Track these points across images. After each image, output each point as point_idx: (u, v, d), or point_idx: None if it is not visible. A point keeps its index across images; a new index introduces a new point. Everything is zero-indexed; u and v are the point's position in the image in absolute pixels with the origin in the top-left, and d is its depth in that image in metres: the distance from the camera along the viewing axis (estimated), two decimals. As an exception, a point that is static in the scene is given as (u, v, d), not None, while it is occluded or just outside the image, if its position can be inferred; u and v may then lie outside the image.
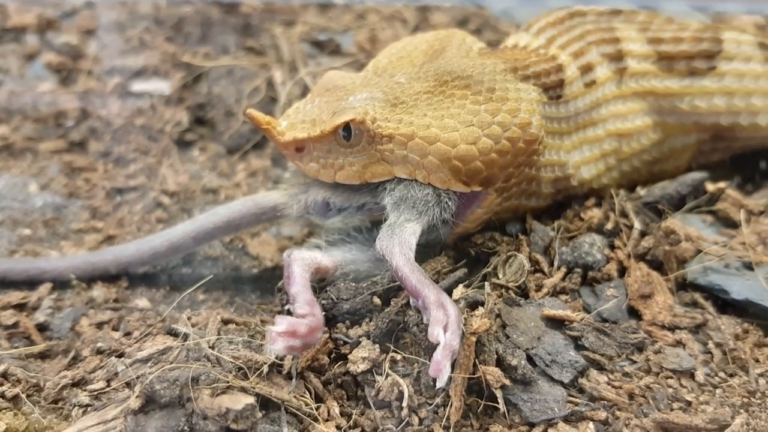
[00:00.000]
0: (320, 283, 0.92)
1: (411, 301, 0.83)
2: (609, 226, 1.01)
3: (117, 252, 1.05)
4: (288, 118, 0.93)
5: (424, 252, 0.94)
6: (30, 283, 1.03)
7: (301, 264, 0.88)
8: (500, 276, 0.94)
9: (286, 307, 0.92)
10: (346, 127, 0.88)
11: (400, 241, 0.86)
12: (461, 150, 0.87)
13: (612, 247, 1.00)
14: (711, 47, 1.07)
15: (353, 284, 0.90)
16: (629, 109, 1.06)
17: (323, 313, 0.86)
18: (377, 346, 0.83)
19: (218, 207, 1.06)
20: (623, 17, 1.11)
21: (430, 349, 0.79)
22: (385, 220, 0.90)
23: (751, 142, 1.14)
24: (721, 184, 1.07)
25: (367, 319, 0.87)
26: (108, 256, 1.05)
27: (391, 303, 0.86)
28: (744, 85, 1.08)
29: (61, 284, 1.03)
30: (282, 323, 0.78)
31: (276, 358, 0.82)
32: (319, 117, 0.90)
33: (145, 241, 1.05)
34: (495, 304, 0.88)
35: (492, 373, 0.79)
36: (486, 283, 0.91)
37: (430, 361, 0.81)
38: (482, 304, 0.86)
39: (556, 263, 0.97)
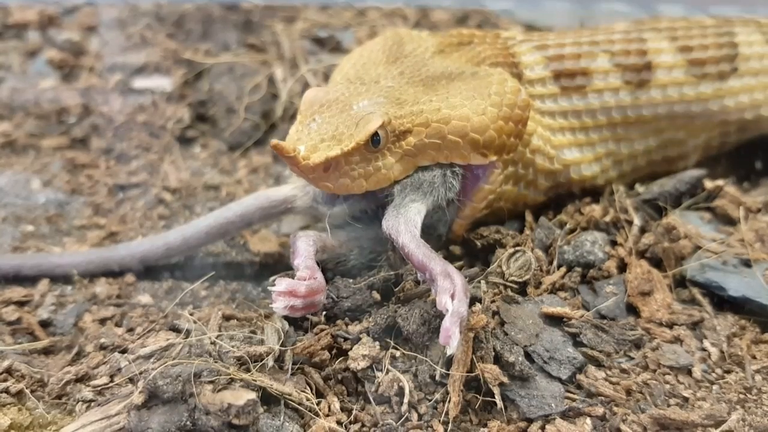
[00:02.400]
0: (327, 261, 0.95)
1: (418, 275, 0.85)
2: (608, 219, 1.02)
3: (132, 247, 1.07)
4: (301, 141, 0.87)
5: (428, 236, 0.95)
6: (35, 278, 1.04)
7: (306, 239, 0.91)
8: (505, 269, 0.95)
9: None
10: (374, 133, 0.87)
11: (405, 219, 0.87)
12: (475, 122, 0.90)
13: (614, 243, 1.01)
14: (730, 51, 1.14)
15: (351, 281, 0.92)
16: (640, 117, 1.09)
17: (324, 308, 0.89)
18: (377, 343, 0.84)
19: (231, 203, 1.07)
20: (651, 25, 1.16)
21: (423, 346, 0.82)
22: (391, 202, 0.92)
23: None
24: (720, 182, 1.08)
25: (367, 315, 0.88)
26: (122, 251, 1.07)
27: (391, 298, 0.88)
28: (760, 80, 1.16)
29: (64, 280, 1.04)
30: (281, 284, 0.82)
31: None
32: (339, 131, 0.87)
33: (160, 236, 1.07)
34: (492, 301, 0.88)
35: (490, 371, 0.80)
36: (482, 282, 0.92)
37: (426, 356, 0.82)
38: (480, 300, 0.87)
39: (555, 262, 0.98)
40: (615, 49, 1.09)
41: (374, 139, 0.87)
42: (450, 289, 0.78)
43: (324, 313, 0.91)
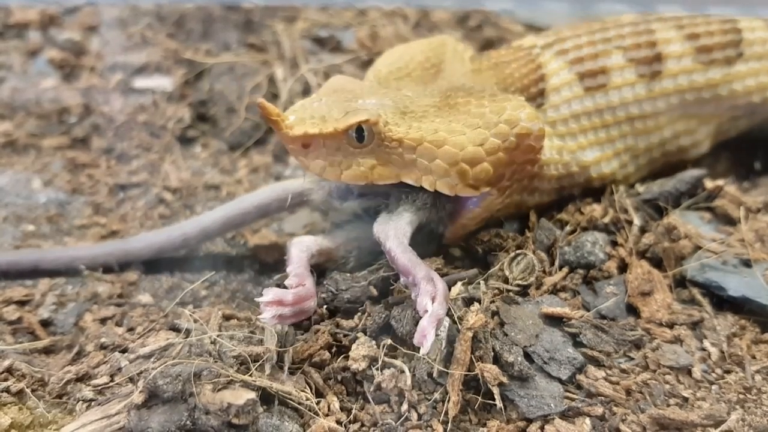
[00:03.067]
0: (327, 263, 0.96)
1: (402, 279, 0.85)
2: (607, 220, 1.02)
3: (150, 238, 1.08)
4: (295, 113, 0.90)
5: (425, 248, 0.95)
6: (53, 273, 1.05)
7: (299, 246, 0.92)
8: (508, 274, 0.95)
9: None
10: (359, 128, 0.87)
11: (395, 226, 0.89)
12: (468, 152, 0.87)
13: (614, 243, 1.01)
14: (735, 36, 1.15)
15: (349, 275, 0.92)
16: (655, 109, 1.10)
17: (324, 302, 0.91)
18: (375, 342, 0.84)
19: (246, 194, 1.09)
20: (657, 17, 1.17)
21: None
22: (385, 208, 0.93)
23: None
24: (720, 182, 1.07)
25: (365, 313, 0.88)
26: (140, 242, 1.08)
27: (389, 294, 0.88)
28: (764, 64, 1.17)
29: (65, 279, 1.05)
30: (268, 294, 0.83)
31: (275, 329, 0.86)
32: (330, 114, 0.89)
33: (177, 227, 1.08)
34: (492, 301, 0.88)
35: (489, 371, 0.80)
36: (482, 282, 0.92)
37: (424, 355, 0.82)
38: (479, 301, 0.87)
39: (557, 263, 0.98)
40: (627, 43, 1.09)
41: (358, 134, 0.87)
42: (431, 292, 0.79)
43: (324, 306, 0.91)
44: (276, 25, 1.65)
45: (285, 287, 0.85)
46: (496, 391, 0.80)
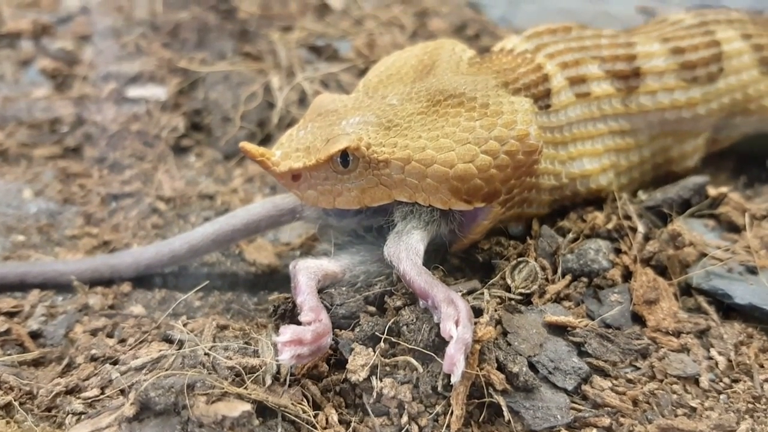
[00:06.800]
0: (331, 288, 0.92)
1: (420, 302, 0.83)
2: (610, 227, 1.01)
3: (137, 254, 1.05)
4: (282, 147, 0.90)
5: (429, 259, 0.94)
6: (39, 286, 1.03)
7: (306, 273, 0.88)
8: (510, 282, 0.93)
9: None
10: (343, 154, 0.85)
11: (406, 246, 0.86)
12: (459, 169, 0.85)
13: (618, 251, 0.99)
14: (716, 50, 1.11)
15: (344, 290, 0.90)
16: (633, 126, 1.06)
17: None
18: (371, 350, 0.81)
19: (237, 209, 1.06)
20: (639, 30, 1.14)
21: (428, 358, 0.79)
22: (393, 228, 0.91)
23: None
24: (723, 189, 1.06)
25: (362, 325, 0.86)
26: (127, 258, 1.05)
27: (386, 309, 0.86)
28: (741, 79, 1.13)
29: (57, 290, 1.03)
30: (286, 333, 0.78)
31: (291, 367, 0.82)
32: (313, 144, 0.88)
33: (165, 243, 1.05)
34: (495, 311, 0.86)
35: (495, 375, 0.78)
36: (485, 291, 0.90)
37: (427, 367, 0.80)
38: (485, 312, 0.85)
39: (560, 271, 0.96)
40: (606, 53, 1.05)
41: (343, 159, 0.86)
42: (454, 315, 0.77)
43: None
44: (272, 34, 1.64)
45: (298, 322, 0.82)
46: (502, 402, 0.77)
